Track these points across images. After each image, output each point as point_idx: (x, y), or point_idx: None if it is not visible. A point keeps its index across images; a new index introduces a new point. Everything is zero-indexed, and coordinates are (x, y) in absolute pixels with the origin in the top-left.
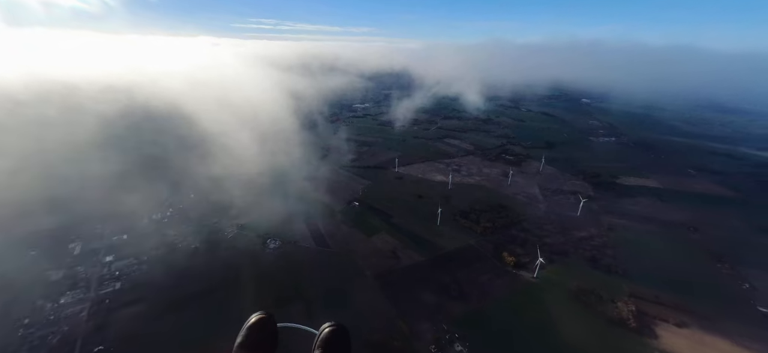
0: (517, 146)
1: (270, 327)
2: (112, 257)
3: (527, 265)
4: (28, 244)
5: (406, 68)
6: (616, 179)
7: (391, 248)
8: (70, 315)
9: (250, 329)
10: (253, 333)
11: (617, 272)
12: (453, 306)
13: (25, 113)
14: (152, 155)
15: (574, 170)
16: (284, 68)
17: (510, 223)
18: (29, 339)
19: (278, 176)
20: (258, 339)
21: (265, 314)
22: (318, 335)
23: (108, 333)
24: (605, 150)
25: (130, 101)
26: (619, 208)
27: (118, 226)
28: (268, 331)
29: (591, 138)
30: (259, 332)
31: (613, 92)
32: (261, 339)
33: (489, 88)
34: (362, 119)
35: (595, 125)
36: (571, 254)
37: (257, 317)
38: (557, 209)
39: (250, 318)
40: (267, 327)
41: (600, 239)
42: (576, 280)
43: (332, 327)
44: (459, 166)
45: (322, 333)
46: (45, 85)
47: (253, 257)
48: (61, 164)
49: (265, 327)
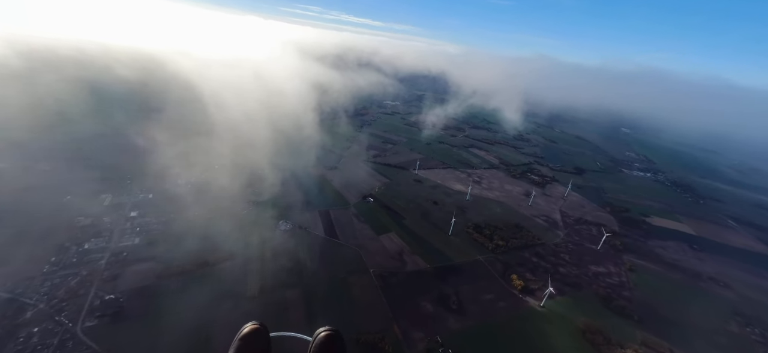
0: (545, 167)
1: (263, 337)
2: (136, 214)
3: (535, 292)
4: (67, 190)
5: (444, 72)
6: (645, 217)
7: (398, 250)
8: (90, 261)
9: (242, 340)
10: (245, 345)
11: (631, 316)
12: (450, 319)
13: (82, 77)
14: (184, 125)
15: (601, 201)
16: (321, 56)
17: (524, 245)
18: (52, 276)
19: (299, 161)
20: (251, 350)
21: (257, 324)
22: (312, 341)
23: (120, 283)
24: (638, 185)
25: (175, 73)
26: (645, 249)
27: (146, 185)
28: (262, 342)
29: (624, 170)
30: (252, 343)
31: (657, 124)
32: (254, 349)
33: (528, 104)
34: (391, 116)
35: (632, 157)
36: (584, 289)
37: (250, 327)
38: (577, 238)
39: (243, 329)
40: (260, 337)
41: (618, 278)
42: (585, 317)
43: (328, 332)
44: (480, 178)
45: (317, 338)
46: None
47: (263, 236)
48: (104, 123)
49: (258, 338)
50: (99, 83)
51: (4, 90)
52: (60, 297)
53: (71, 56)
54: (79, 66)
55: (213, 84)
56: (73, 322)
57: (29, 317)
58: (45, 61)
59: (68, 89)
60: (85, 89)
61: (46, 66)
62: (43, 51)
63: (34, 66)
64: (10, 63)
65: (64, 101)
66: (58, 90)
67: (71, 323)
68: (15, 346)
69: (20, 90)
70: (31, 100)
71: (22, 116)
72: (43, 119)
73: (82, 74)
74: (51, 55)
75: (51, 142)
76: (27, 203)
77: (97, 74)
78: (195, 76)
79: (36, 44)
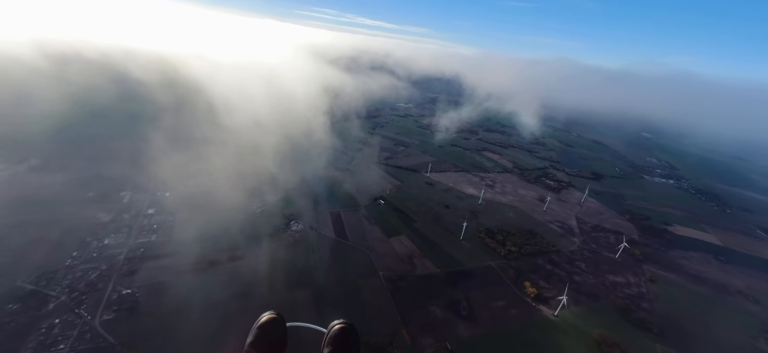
0: (560, 172)
1: (280, 326)
2: (153, 211)
3: (549, 300)
4: (89, 186)
5: (458, 75)
6: (667, 225)
7: (408, 253)
8: (110, 256)
9: (260, 328)
10: (263, 333)
11: (651, 329)
12: (460, 326)
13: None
14: (200, 127)
15: (620, 208)
16: (335, 58)
17: (538, 251)
18: (73, 269)
19: (312, 163)
20: (268, 339)
21: (275, 314)
22: (327, 333)
23: (137, 278)
24: (660, 192)
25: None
26: (666, 259)
27: (163, 184)
28: (279, 330)
29: (645, 176)
30: (270, 331)
31: (681, 129)
32: (271, 338)
33: (544, 108)
34: (403, 118)
35: (653, 163)
36: (600, 299)
37: (268, 316)
38: (594, 246)
39: (261, 318)
40: (277, 326)
41: (637, 289)
42: (601, 328)
43: (342, 324)
44: (493, 182)
45: (332, 330)
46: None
47: (275, 236)
48: (124, 123)
49: (276, 327)
50: (119, 85)
51: (33, 91)
52: (80, 290)
53: (94, 58)
54: (101, 68)
55: (228, 87)
56: (92, 315)
57: (51, 309)
58: (70, 63)
59: (90, 90)
60: (106, 90)
61: (70, 67)
62: (68, 53)
63: (59, 68)
64: (37, 65)
65: (87, 102)
66: (81, 91)
67: (90, 316)
68: (37, 337)
69: (47, 91)
70: (57, 100)
71: (48, 114)
72: (67, 118)
73: (103, 76)
74: (75, 57)
75: (75, 140)
76: (53, 198)
77: (118, 76)
78: (211, 79)
79: (61, 46)
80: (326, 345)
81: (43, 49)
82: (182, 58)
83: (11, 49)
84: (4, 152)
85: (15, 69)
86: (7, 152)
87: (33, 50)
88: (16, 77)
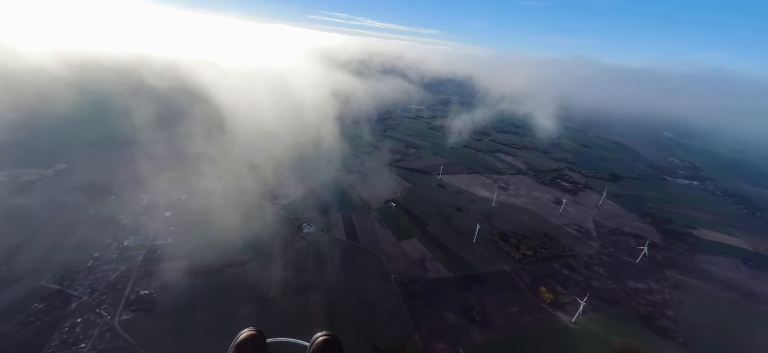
0: (576, 173)
1: (260, 343)
2: (170, 213)
3: (566, 306)
4: (110, 190)
5: (470, 76)
6: (692, 229)
7: (420, 257)
8: (129, 257)
9: (238, 347)
10: (242, 351)
11: (675, 338)
12: (474, 331)
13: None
14: (214, 132)
15: (640, 211)
16: (346, 62)
17: (554, 256)
18: (95, 270)
19: (323, 166)
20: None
21: (254, 331)
22: (310, 346)
23: (154, 279)
24: (683, 194)
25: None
26: (691, 264)
27: (179, 187)
28: (258, 348)
29: (667, 177)
30: (249, 349)
31: (706, 128)
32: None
33: (560, 108)
34: (415, 120)
35: (676, 164)
36: (620, 306)
37: (246, 334)
38: (613, 250)
39: (239, 335)
40: (257, 343)
41: (659, 296)
42: (622, 336)
43: (325, 336)
44: (507, 184)
45: (314, 343)
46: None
47: (287, 239)
48: (142, 128)
49: (255, 344)
50: (136, 92)
51: (56, 101)
52: (101, 291)
53: (111, 66)
54: (119, 75)
55: (240, 93)
56: (112, 315)
57: (74, 308)
58: (89, 71)
59: (108, 96)
60: (124, 97)
61: (90, 76)
62: (87, 62)
63: (79, 76)
64: (59, 74)
65: (105, 108)
66: (100, 98)
67: (110, 315)
68: (60, 335)
69: (69, 100)
70: (78, 107)
71: (71, 121)
72: (89, 124)
73: (120, 83)
74: (94, 65)
75: (97, 145)
76: (77, 201)
77: (134, 84)
78: (224, 85)
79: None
80: None
81: (64, 59)
82: (196, 65)
83: (36, 60)
84: (35, 158)
85: (40, 79)
86: (37, 158)
87: (55, 60)
88: (41, 87)
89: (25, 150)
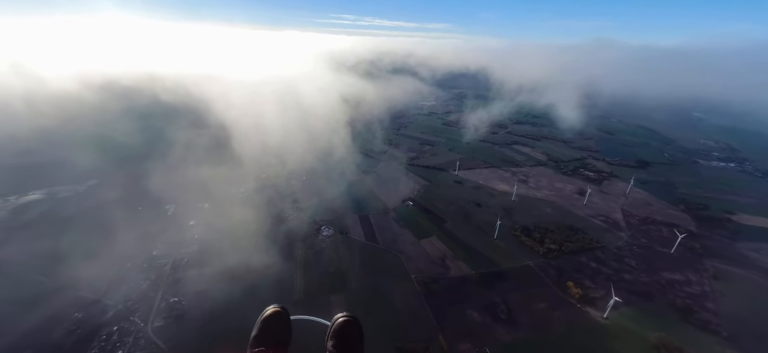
0: (600, 162)
1: (284, 319)
2: (194, 223)
3: (597, 301)
4: (139, 202)
5: (484, 68)
6: (730, 214)
7: (440, 255)
8: (158, 266)
9: (264, 322)
10: (267, 326)
11: (719, 332)
12: (500, 330)
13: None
14: (230, 141)
15: (672, 198)
16: (356, 63)
17: (580, 249)
18: (127, 280)
19: (338, 169)
20: (273, 332)
21: (279, 307)
22: (331, 325)
23: (182, 287)
24: (718, 177)
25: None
26: (732, 253)
27: (202, 197)
28: (283, 323)
29: (700, 160)
30: (274, 325)
31: (743, 107)
32: (276, 331)
33: (583, 96)
34: (428, 117)
35: (709, 146)
36: (656, 299)
37: (272, 310)
38: (644, 241)
39: (265, 311)
40: (281, 319)
41: (698, 288)
42: (659, 331)
43: (345, 317)
44: (526, 176)
45: (335, 323)
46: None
47: (308, 242)
48: (161, 143)
49: (280, 320)
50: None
51: (83, 121)
52: (134, 299)
53: (129, 86)
54: (137, 93)
55: (253, 102)
56: (145, 322)
57: (109, 317)
58: (109, 91)
59: (129, 115)
60: (143, 114)
61: (110, 95)
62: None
63: (100, 96)
64: (83, 96)
65: (127, 126)
66: (122, 117)
67: (143, 323)
68: (99, 343)
69: (93, 119)
70: (102, 127)
71: (97, 140)
72: (113, 142)
73: (139, 100)
74: (114, 86)
75: (123, 160)
76: (109, 214)
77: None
78: (236, 96)
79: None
80: (330, 338)
81: (85, 81)
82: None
83: (60, 84)
84: (69, 175)
85: (65, 102)
86: (71, 176)
87: (77, 83)
88: (66, 109)
89: (60, 169)
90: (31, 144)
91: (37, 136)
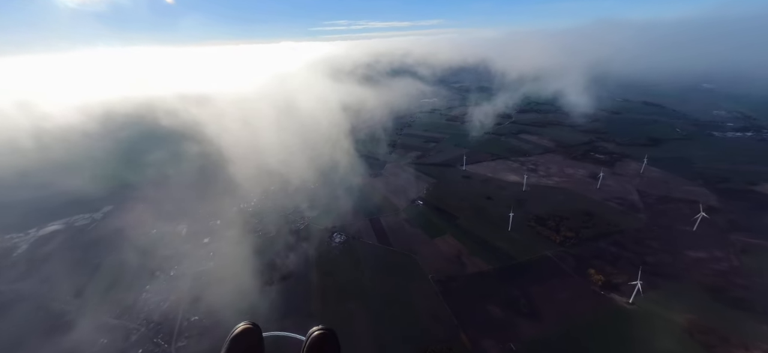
0: (610, 143)
1: (256, 336)
2: (208, 240)
3: (620, 287)
4: (150, 224)
5: (483, 60)
6: (753, 185)
7: (455, 253)
8: (176, 287)
9: (234, 340)
10: (237, 345)
11: (753, 308)
12: (523, 325)
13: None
14: (235, 157)
15: (689, 173)
16: (353, 68)
17: (598, 234)
18: (148, 302)
19: (345, 175)
20: (243, 350)
21: (250, 324)
22: (305, 340)
23: (201, 305)
24: (737, 148)
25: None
26: (759, 225)
27: (214, 214)
28: (254, 342)
29: (714, 133)
30: (244, 343)
31: (755, 72)
32: (246, 349)
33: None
34: (430, 114)
35: (722, 116)
36: (683, 280)
37: (242, 327)
38: (664, 220)
39: (235, 329)
40: (252, 336)
41: (726, 264)
42: (689, 313)
43: (321, 331)
44: (536, 165)
45: (311, 337)
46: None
47: (321, 250)
48: (166, 164)
49: (250, 338)
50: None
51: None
52: (155, 321)
53: (130, 112)
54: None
55: (256, 116)
56: (168, 343)
57: (133, 340)
58: (112, 119)
59: (134, 141)
60: (147, 138)
61: (114, 124)
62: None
63: (105, 126)
64: (88, 127)
65: (134, 152)
66: (127, 144)
67: (167, 344)
68: None
69: (101, 148)
70: (110, 154)
71: (107, 168)
72: (123, 169)
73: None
74: (117, 114)
75: (134, 187)
76: (125, 239)
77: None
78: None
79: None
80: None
81: (88, 112)
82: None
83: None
84: (85, 204)
85: (71, 135)
86: (87, 204)
87: (80, 114)
88: (73, 141)
89: (76, 198)
90: (44, 177)
91: (49, 169)
